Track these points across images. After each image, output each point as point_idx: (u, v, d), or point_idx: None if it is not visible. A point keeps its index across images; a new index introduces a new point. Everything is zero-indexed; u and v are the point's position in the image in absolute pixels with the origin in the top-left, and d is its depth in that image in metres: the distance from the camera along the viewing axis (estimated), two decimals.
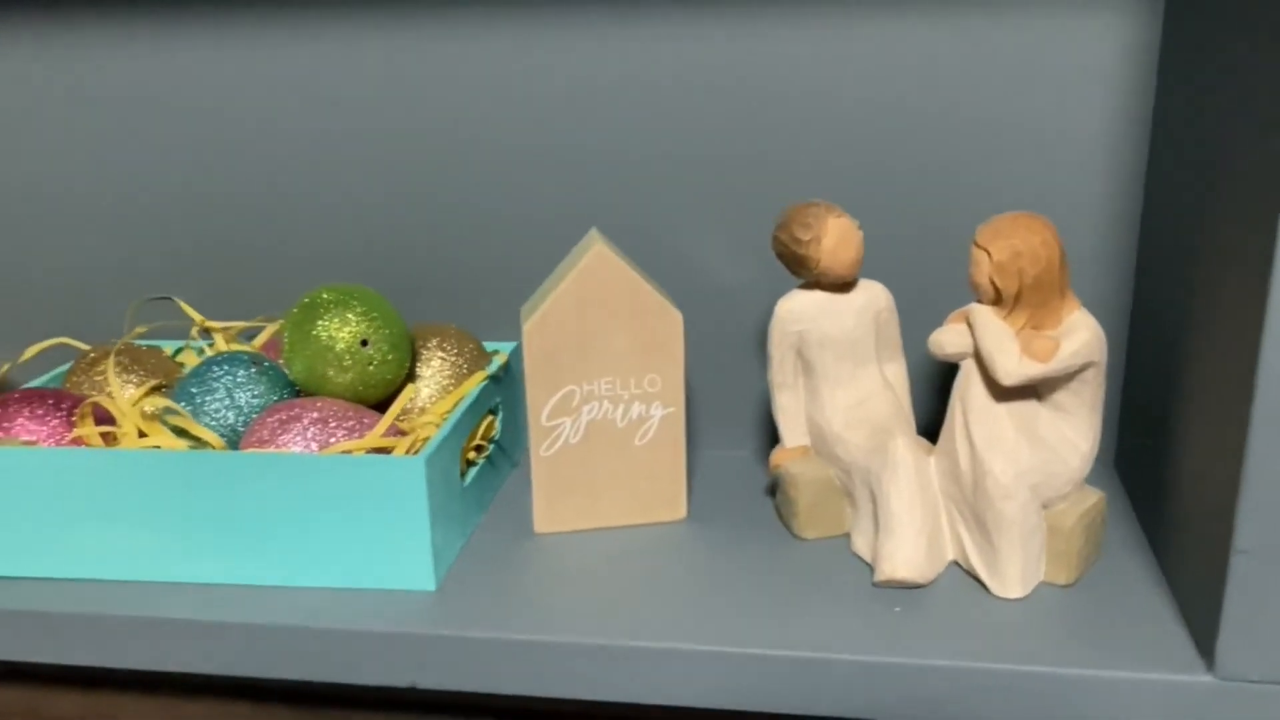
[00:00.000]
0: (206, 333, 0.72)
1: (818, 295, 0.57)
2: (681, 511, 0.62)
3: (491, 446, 0.65)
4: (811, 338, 0.57)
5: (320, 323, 0.59)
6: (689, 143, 0.66)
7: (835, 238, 0.55)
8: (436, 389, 0.64)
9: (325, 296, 0.60)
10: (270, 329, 0.70)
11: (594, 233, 0.60)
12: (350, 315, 0.60)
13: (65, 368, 0.68)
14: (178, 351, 0.73)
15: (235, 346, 0.70)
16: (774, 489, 0.62)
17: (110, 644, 0.56)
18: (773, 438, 0.69)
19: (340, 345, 0.59)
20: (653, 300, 0.58)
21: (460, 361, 0.65)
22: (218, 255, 0.74)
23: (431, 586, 0.55)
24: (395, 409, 0.58)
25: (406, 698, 0.59)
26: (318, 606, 0.54)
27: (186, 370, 0.68)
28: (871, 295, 0.58)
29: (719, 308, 0.69)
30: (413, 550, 0.55)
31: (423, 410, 0.63)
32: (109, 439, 0.59)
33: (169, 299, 0.74)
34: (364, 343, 0.60)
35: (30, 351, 0.70)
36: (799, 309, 0.57)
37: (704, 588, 0.55)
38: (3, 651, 0.57)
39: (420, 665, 0.53)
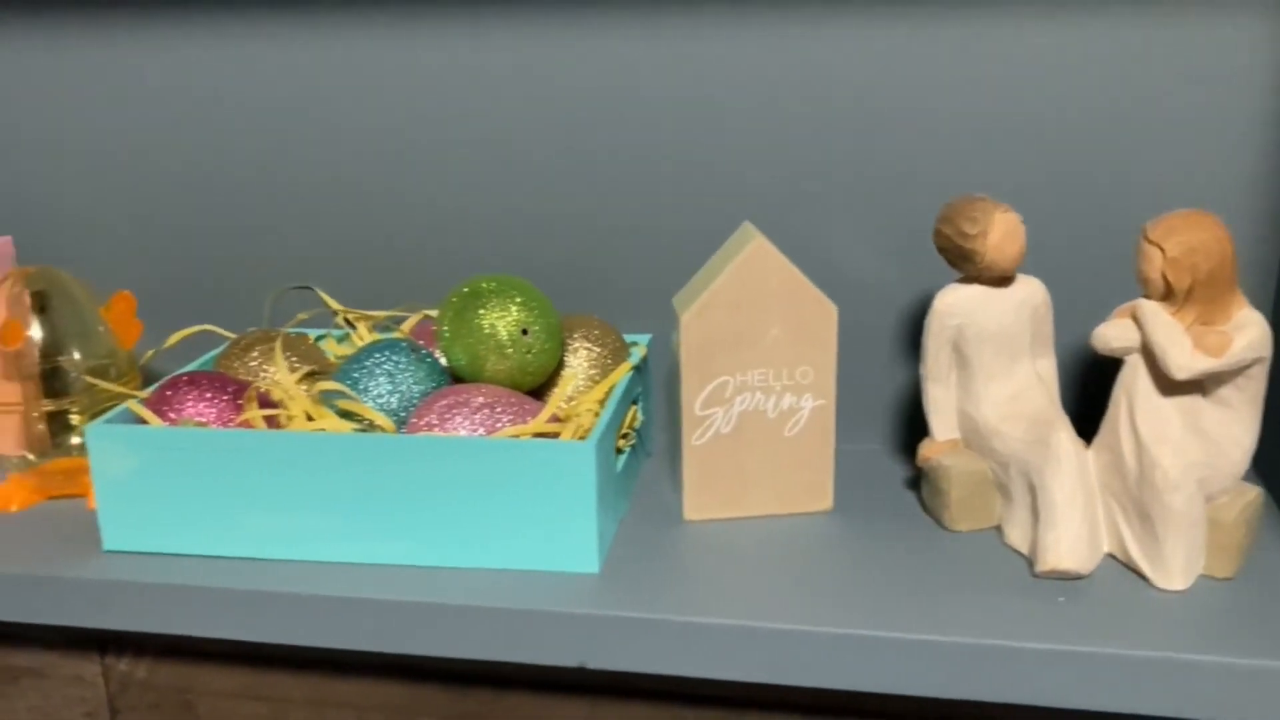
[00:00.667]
0: (347, 322, 0.74)
1: (977, 290, 0.58)
2: (828, 502, 0.63)
3: (634, 435, 0.67)
4: (969, 332, 0.58)
5: (482, 311, 0.61)
6: (837, 139, 0.68)
7: (1001, 232, 0.56)
8: (582, 378, 0.66)
9: (486, 286, 0.62)
10: (414, 318, 0.72)
11: (749, 226, 0.62)
12: (512, 305, 0.61)
13: (215, 353, 0.70)
14: (318, 339, 0.74)
15: (388, 336, 0.71)
16: (919, 481, 0.63)
17: (274, 621, 0.57)
18: (903, 432, 0.70)
19: (502, 334, 0.61)
20: (809, 293, 0.59)
21: (604, 352, 0.66)
22: (353, 247, 0.76)
23: (595, 569, 0.57)
24: (559, 395, 0.59)
25: (554, 679, 0.60)
26: (484, 587, 0.56)
27: (331, 357, 0.70)
28: (1029, 290, 0.59)
29: (845, 303, 0.70)
30: (579, 533, 0.56)
31: (572, 399, 0.65)
32: (276, 422, 0.61)
33: (309, 288, 0.75)
34: (524, 331, 0.61)
35: (175, 337, 0.72)
36: (958, 303, 0.58)
37: (862, 576, 0.56)
38: (169, 626, 0.59)
39: (589, 646, 0.54)
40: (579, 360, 0.66)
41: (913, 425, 0.71)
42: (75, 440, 0.67)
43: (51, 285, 0.65)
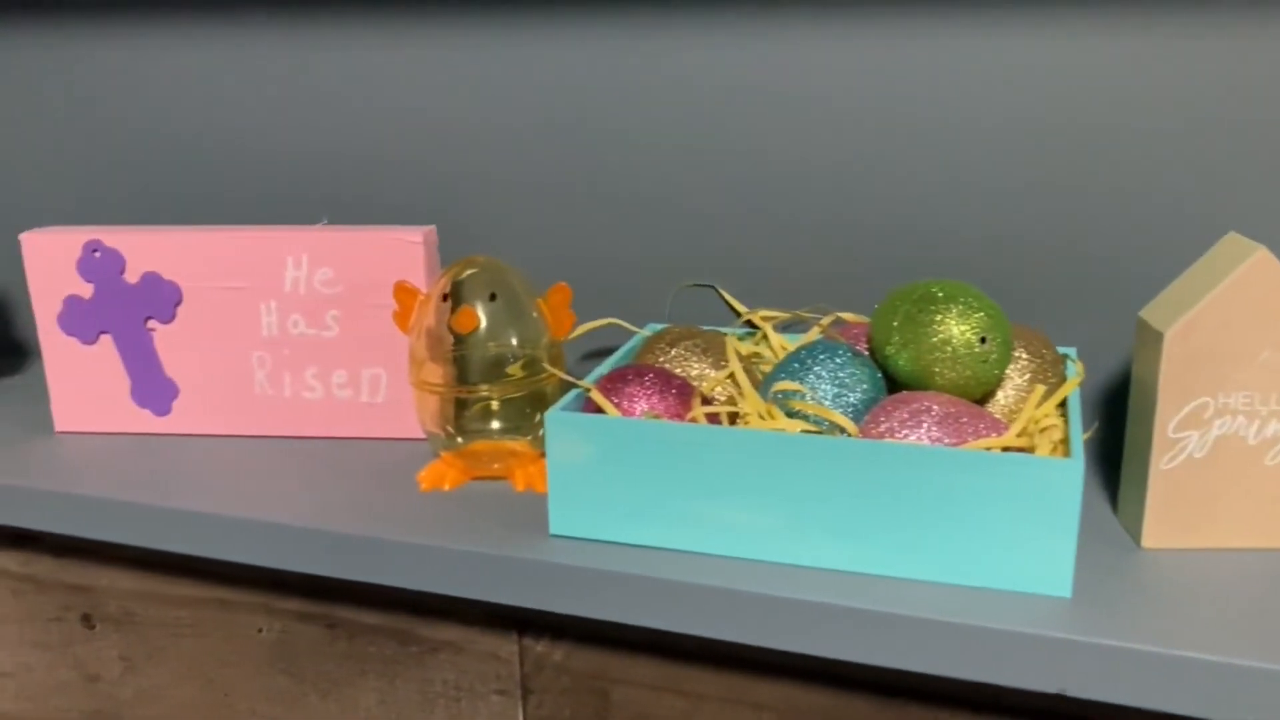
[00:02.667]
0: (748, 323, 0.74)
1: None
2: None
3: None
4: None
5: (938, 317, 0.59)
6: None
7: None
8: (1016, 390, 0.63)
9: (937, 291, 0.60)
10: (825, 319, 0.71)
11: (1236, 236, 0.58)
12: (970, 312, 0.59)
13: (629, 345, 0.71)
14: None
15: (823, 339, 0.71)
16: None
17: (713, 616, 0.57)
18: None
19: (958, 341, 0.59)
20: None
21: (1040, 364, 0.64)
22: (751, 247, 0.76)
23: (1067, 593, 0.54)
24: (1028, 411, 0.57)
25: (992, 702, 0.58)
26: (945, 601, 0.54)
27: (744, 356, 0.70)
28: None
29: None
30: (1055, 555, 0.54)
31: (1013, 412, 0.62)
32: (717, 419, 0.61)
33: (711, 287, 0.76)
34: (983, 340, 0.59)
35: (583, 328, 0.73)
36: None
37: None
38: (606, 613, 0.59)
39: (1068, 672, 0.52)
40: (1017, 370, 0.63)
41: None
42: (495, 425, 0.70)
43: (495, 275, 0.67)
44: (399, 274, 0.72)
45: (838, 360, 0.61)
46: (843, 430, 0.58)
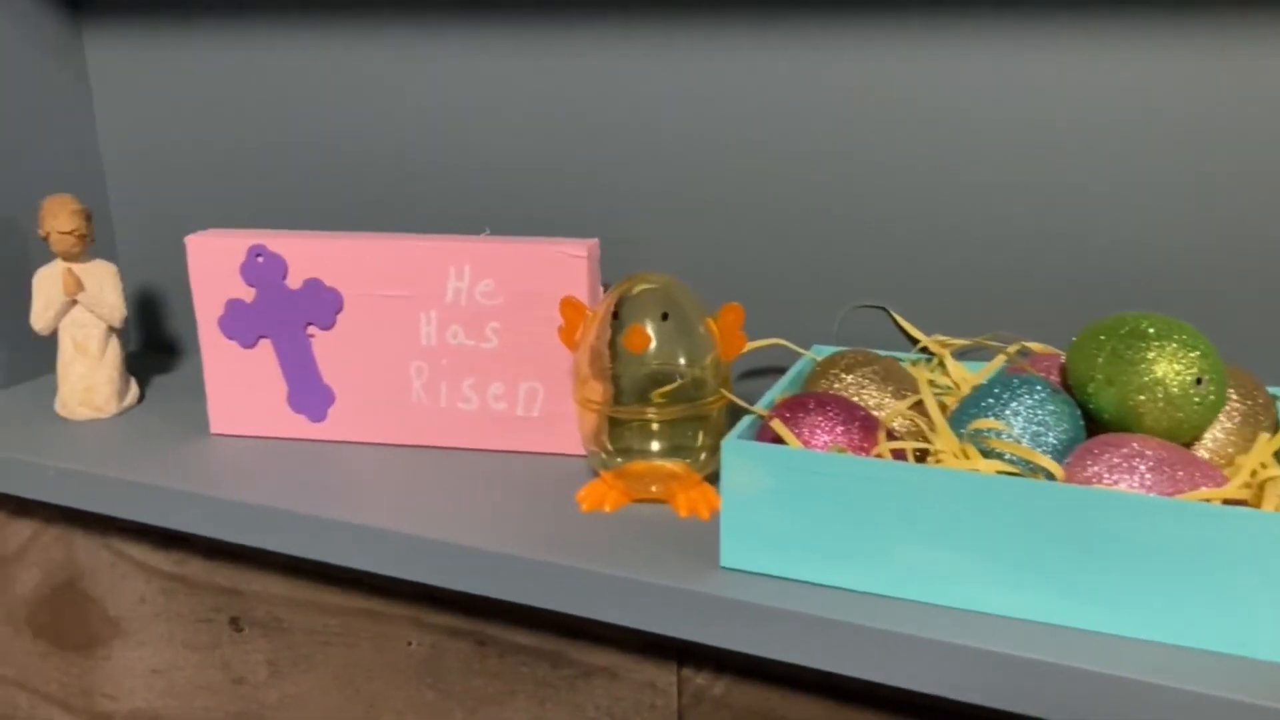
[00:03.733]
0: (924, 350, 0.71)
1: None
2: None
3: None
4: None
5: (1150, 355, 0.55)
6: None
7: None
8: (1225, 434, 0.59)
9: (1149, 327, 0.56)
10: (1011, 348, 0.67)
11: None
12: (1185, 350, 0.55)
13: (796, 369, 0.68)
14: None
15: (1020, 373, 0.67)
16: None
17: (887, 661, 0.54)
18: None
19: (1171, 381, 0.55)
20: None
21: (1252, 406, 0.59)
22: (922, 267, 0.73)
23: None
24: (1252, 460, 0.53)
25: None
26: (1159, 662, 0.50)
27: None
28: None
29: None
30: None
31: (1217, 456, 0.58)
32: (902, 455, 0.58)
33: (882, 309, 0.73)
34: (1199, 380, 0.55)
35: (747, 347, 0.70)
36: None
37: None
38: (774, 651, 0.57)
39: None
40: (1224, 414, 0.59)
41: None
42: (654, 445, 0.67)
43: (667, 293, 0.65)
44: (561, 287, 0.71)
45: (1036, 396, 0.57)
46: (1047, 473, 0.54)
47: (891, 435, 0.59)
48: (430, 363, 0.74)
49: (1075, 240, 0.68)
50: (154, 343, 1.00)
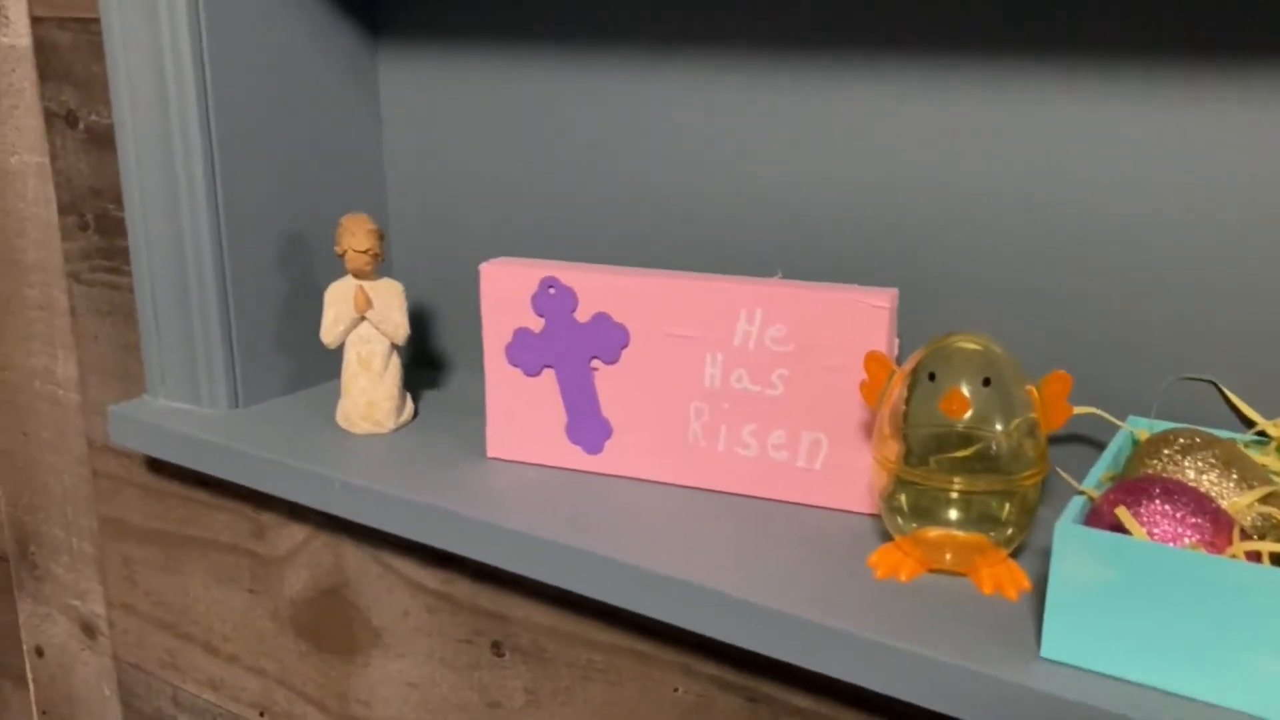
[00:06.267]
0: (1260, 433, 0.64)
1: None
2: None
3: None
4: None
5: None
6: None
7: None
8: None
9: None
10: None
11: None
12: None
13: (1117, 445, 0.63)
14: None
15: None
16: None
17: None
18: None
19: None
20: None
21: None
22: (1252, 336, 0.66)
23: None
24: None
25: None
26: None
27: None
28: None
29: None
30: None
31: None
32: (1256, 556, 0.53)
33: (1211, 383, 0.67)
34: None
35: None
36: None
37: None
38: None
39: None
40: None
41: None
42: (953, 514, 0.64)
43: (989, 357, 0.62)
44: (857, 338, 0.68)
45: None
46: None
47: (1248, 535, 0.54)
48: (711, 405, 0.73)
49: None
50: (421, 359, 1.03)
